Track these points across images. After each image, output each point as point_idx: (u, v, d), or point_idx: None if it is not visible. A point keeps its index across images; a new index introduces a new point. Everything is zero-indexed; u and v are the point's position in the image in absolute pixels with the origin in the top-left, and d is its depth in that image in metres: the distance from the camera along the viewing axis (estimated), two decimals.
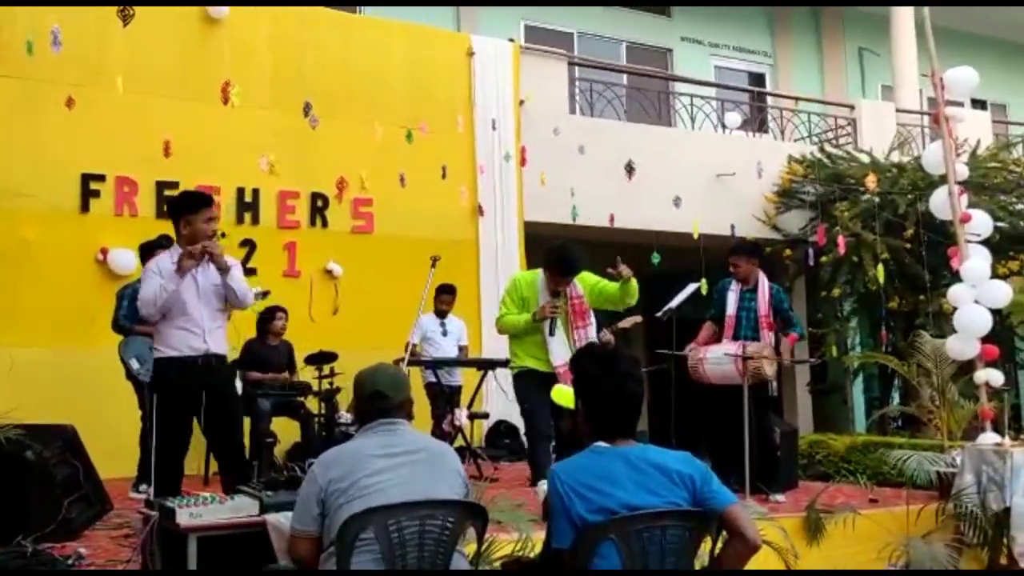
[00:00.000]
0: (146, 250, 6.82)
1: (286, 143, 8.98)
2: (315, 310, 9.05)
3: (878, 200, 11.08)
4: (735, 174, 11.49)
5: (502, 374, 7.91)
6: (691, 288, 7.51)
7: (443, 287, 8.60)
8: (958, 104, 7.59)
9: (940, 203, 6.92)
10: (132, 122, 8.38)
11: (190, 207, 5.11)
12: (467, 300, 9.41)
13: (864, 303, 11.74)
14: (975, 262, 6.61)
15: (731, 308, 6.88)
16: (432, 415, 8.22)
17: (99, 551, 4.69)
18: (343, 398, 7.99)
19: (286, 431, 8.04)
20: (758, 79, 15.41)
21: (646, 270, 10.77)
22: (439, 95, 9.91)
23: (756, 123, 13.39)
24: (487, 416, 9.12)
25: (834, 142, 12.94)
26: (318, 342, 8.27)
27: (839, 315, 11.75)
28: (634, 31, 14.45)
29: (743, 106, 13.30)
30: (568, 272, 5.76)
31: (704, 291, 7.92)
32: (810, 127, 13.23)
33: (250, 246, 8.81)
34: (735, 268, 6.92)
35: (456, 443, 7.89)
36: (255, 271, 8.66)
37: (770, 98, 14.10)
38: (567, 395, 5.23)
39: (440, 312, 8.70)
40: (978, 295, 6.58)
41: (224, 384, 5.13)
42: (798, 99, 13.49)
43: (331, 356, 8.16)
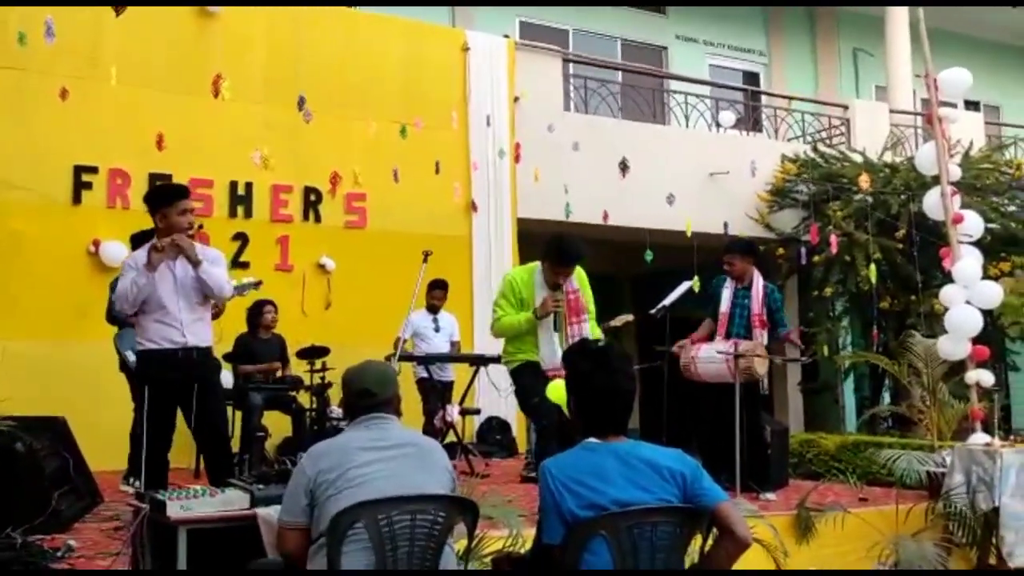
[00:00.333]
0: (137, 240, 6.77)
1: (279, 137, 8.96)
2: (307, 304, 9.04)
3: (871, 200, 11.11)
4: (729, 173, 11.50)
5: (494, 370, 7.92)
6: (684, 286, 7.51)
7: (435, 282, 8.59)
8: (951, 105, 7.60)
9: (933, 204, 6.94)
10: (125, 114, 8.35)
11: (164, 200, 5.04)
12: (460, 296, 9.41)
13: (856, 303, 11.76)
14: (967, 263, 6.63)
15: (725, 305, 6.89)
16: (424, 411, 8.21)
17: (89, 543, 4.68)
18: (335, 393, 7.96)
19: (277, 425, 8.03)
20: (752, 78, 15.43)
21: (639, 268, 10.83)
22: (434, 91, 9.90)
23: (750, 122, 13.40)
24: (479, 412, 9.12)
25: (827, 142, 12.96)
26: (310, 336, 8.25)
27: (831, 314, 11.78)
28: (629, 29, 14.46)
29: (737, 105, 13.31)
30: (570, 261, 5.61)
31: (697, 289, 7.93)
32: (804, 126, 13.26)
33: (243, 240, 8.79)
34: (730, 266, 6.93)
35: (447, 439, 7.89)
36: (247, 265, 8.65)
37: (764, 97, 14.12)
38: (561, 391, 5.21)
39: (432, 308, 8.69)
40: (970, 296, 6.60)
41: (207, 376, 5.06)
42: (792, 98, 13.52)
43: (323, 351, 8.14)
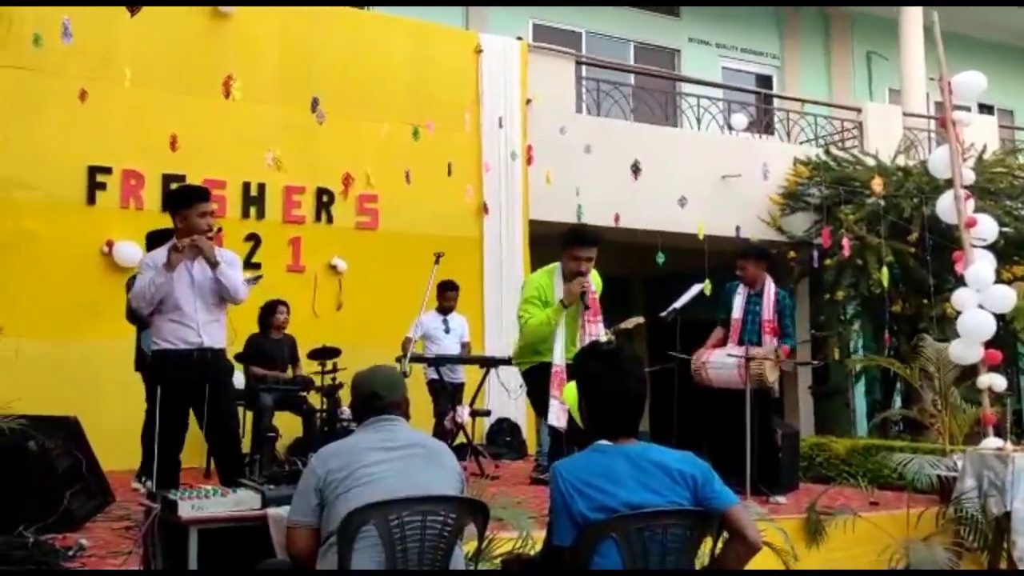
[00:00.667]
0: (153, 240, 6.81)
1: (292, 138, 8.98)
2: (319, 305, 9.06)
3: (883, 203, 11.07)
4: (741, 176, 11.48)
5: (504, 372, 7.91)
6: (695, 289, 7.50)
7: (447, 284, 8.60)
8: (965, 109, 7.57)
9: (946, 207, 6.91)
10: (139, 115, 8.39)
11: (184, 201, 5.09)
12: (471, 298, 9.41)
13: (868, 306, 11.72)
14: (980, 267, 6.60)
15: (737, 311, 6.87)
16: (434, 412, 8.22)
17: (100, 543, 4.70)
18: (345, 394, 7.97)
19: (288, 426, 8.04)
20: (765, 81, 15.39)
21: (651, 270, 10.81)
22: (446, 93, 9.91)
23: (762, 125, 13.38)
24: (489, 414, 9.12)
25: (840, 145, 12.92)
26: (321, 337, 8.26)
27: (842, 318, 11.74)
28: (642, 31, 14.44)
29: (750, 108, 13.29)
30: (589, 242, 5.52)
31: (708, 292, 7.91)
32: (816, 129, 13.22)
33: (255, 240, 8.81)
34: (743, 271, 6.91)
35: (458, 440, 7.90)
36: (259, 265, 8.68)
37: (777, 100, 14.08)
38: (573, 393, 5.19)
39: (444, 309, 8.70)
40: (982, 300, 6.57)
41: (220, 377, 5.12)
42: (805, 101, 13.47)
43: (334, 351, 8.16)
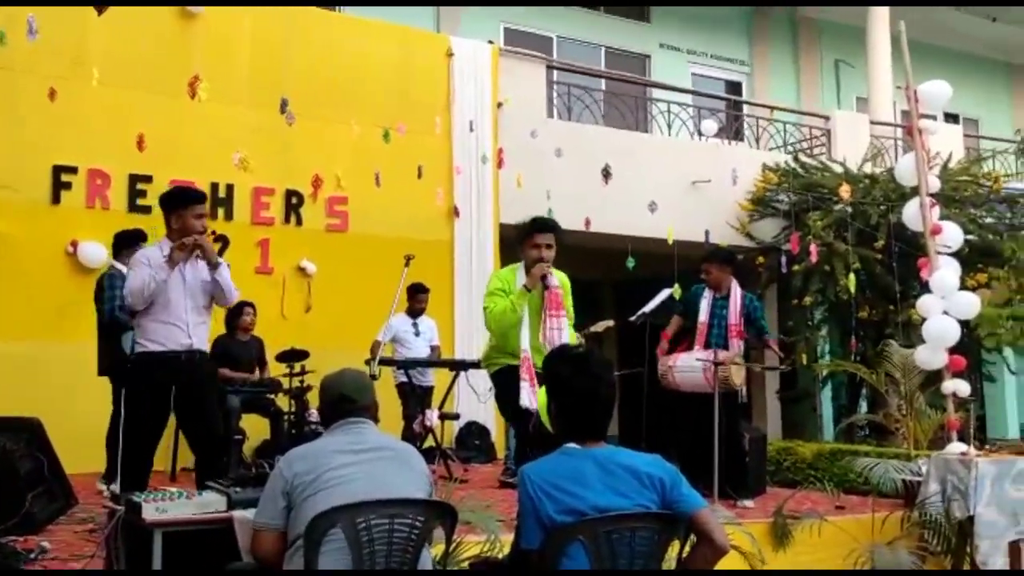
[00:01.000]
0: (121, 241, 6.75)
1: (262, 139, 8.92)
2: (287, 308, 9.01)
3: (851, 210, 11.18)
4: (710, 181, 11.55)
5: (474, 375, 7.91)
6: (665, 293, 7.55)
7: (417, 286, 8.58)
8: (931, 117, 7.67)
9: (912, 214, 6.99)
10: (107, 115, 8.30)
11: (181, 202, 5.17)
12: (441, 301, 9.40)
13: (835, 312, 11.83)
14: (944, 273, 6.68)
15: (703, 315, 6.91)
16: (403, 415, 8.19)
17: (63, 545, 4.64)
18: (313, 396, 7.95)
19: (255, 428, 8.00)
20: (735, 87, 15.51)
21: (621, 274, 10.84)
22: (417, 95, 9.89)
23: (732, 131, 13.47)
24: (458, 417, 9.11)
25: (808, 152, 13.05)
26: (290, 340, 8.23)
27: (810, 323, 11.84)
28: (613, 36, 14.51)
29: (719, 114, 13.38)
30: (546, 227, 5.57)
31: (678, 296, 7.95)
32: (785, 136, 13.34)
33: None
34: (707, 275, 6.97)
35: (427, 443, 7.87)
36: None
37: (746, 107, 14.20)
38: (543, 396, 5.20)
39: (414, 312, 8.68)
40: (947, 306, 6.65)
41: (206, 380, 5.20)
42: (774, 108, 13.60)
43: (302, 354, 8.12)
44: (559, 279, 5.63)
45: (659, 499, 2.89)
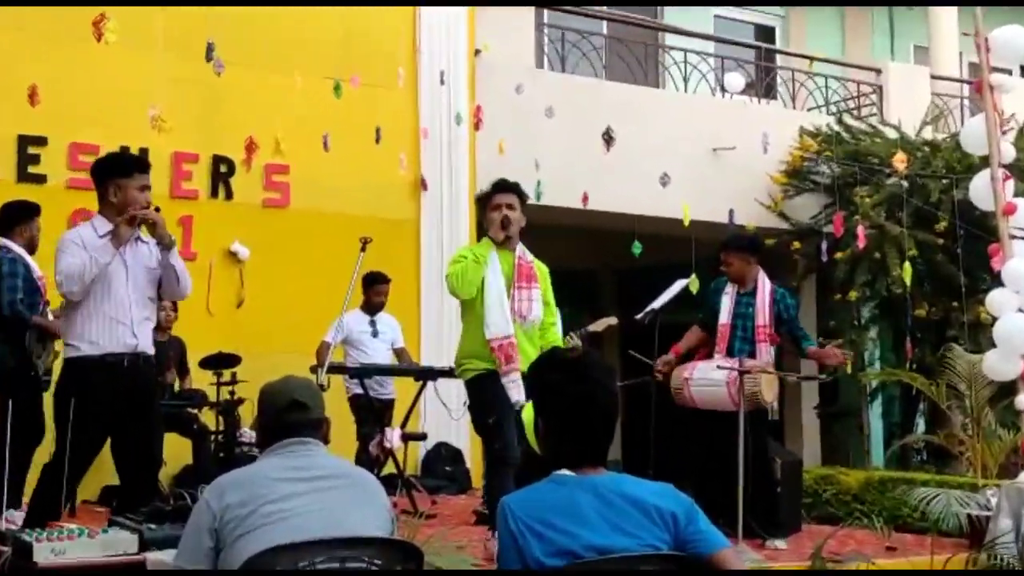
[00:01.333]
0: (8, 215, 6.65)
1: (183, 93, 8.87)
2: (214, 301, 8.97)
3: (907, 185, 11.24)
4: (735, 148, 11.58)
5: (444, 385, 7.91)
6: (679, 285, 7.55)
7: (376, 276, 8.55)
8: (1006, 72, 7.71)
9: (980, 190, 7.02)
10: None
11: (121, 170, 5.20)
12: (404, 294, 9.39)
13: (886, 309, 11.89)
14: (1020, 263, 6.71)
15: (725, 315, 6.92)
16: (357, 435, 8.18)
17: None
18: (246, 411, 7.94)
19: (174, 451, 7.94)
20: (767, 34, 15.54)
21: (625, 262, 10.85)
22: (376, 41, 9.86)
23: (762, 87, 13.51)
24: (425, 437, 9.10)
25: (856, 113, 13.09)
26: (217, 341, 8.21)
27: (856, 323, 11.90)
28: None
29: (747, 66, 13.41)
30: (505, 187, 6.06)
31: (695, 289, 7.98)
32: (827, 94, 13.38)
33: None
34: (727, 266, 6.98)
35: (386, 470, 7.86)
36: None
37: (780, 57, 14.23)
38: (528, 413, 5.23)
39: (371, 307, 8.65)
40: (1023, 302, 6.68)
41: (150, 391, 5.25)
42: (813, 59, 13.62)
43: (233, 359, 8.10)
44: (536, 267, 5.99)
45: (671, 538, 2.89)
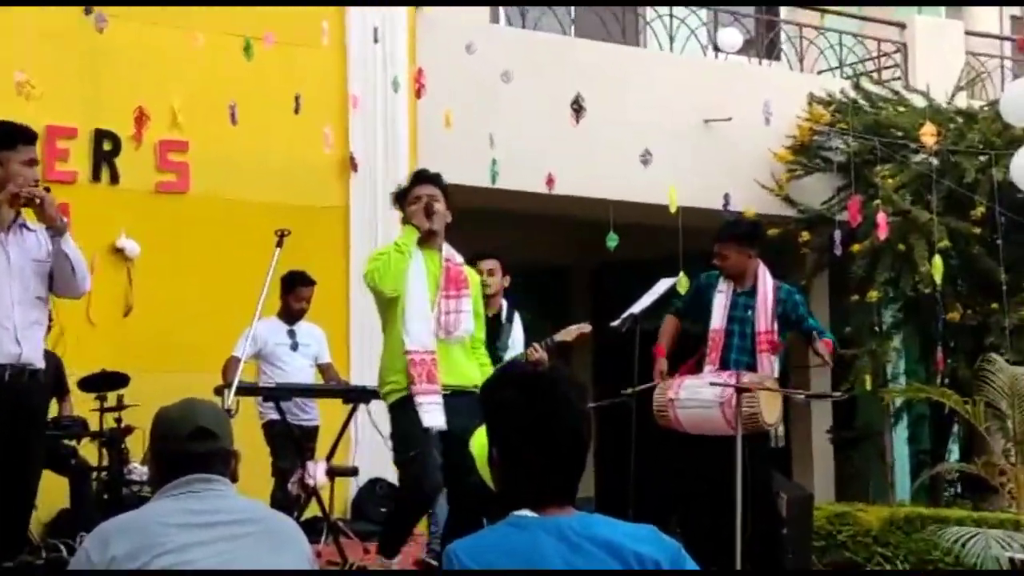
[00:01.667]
0: None
1: (57, 53, 8.84)
2: (96, 309, 8.90)
3: (936, 162, 11.32)
4: (731, 120, 11.63)
5: (379, 408, 7.88)
6: (664, 286, 7.58)
7: (297, 277, 8.53)
8: None
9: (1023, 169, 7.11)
10: None
11: (6, 141, 5.26)
12: (331, 298, 9.36)
13: (913, 312, 11.98)
14: None
15: (718, 319, 6.95)
16: (273, 470, 8.16)
17: None
18: (136, 442, 7.88)
19: (48, 491, 7.87)
20: None
21: (598, 257, 10.86)
22: None
23: (763, 46, 13.57)
24: (356, 472, 9.09)
25: (876, 76, 13.18)
26: (99, 358, 8.18)
27: (877, 329, 11.96)
28: None
29: (745, 20, 13.47)
30: (425, 178, 6.27)
31: (684, 290, 8.02)
32: (842, 54, 13.46)
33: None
34: (721, 260, 7.02)
35: (308, 512, 7.84)
36: None
37: (785, 10, 14.32)
38: (480, 441, 5.25)
39: (291, 315, 8.63)
40: None
41: (35, 414, 5.31)
42: (825, 10, 13.72)
43: (119, 379, 8.05)
44: (470, 273, 6.23)
45: None
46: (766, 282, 7.02)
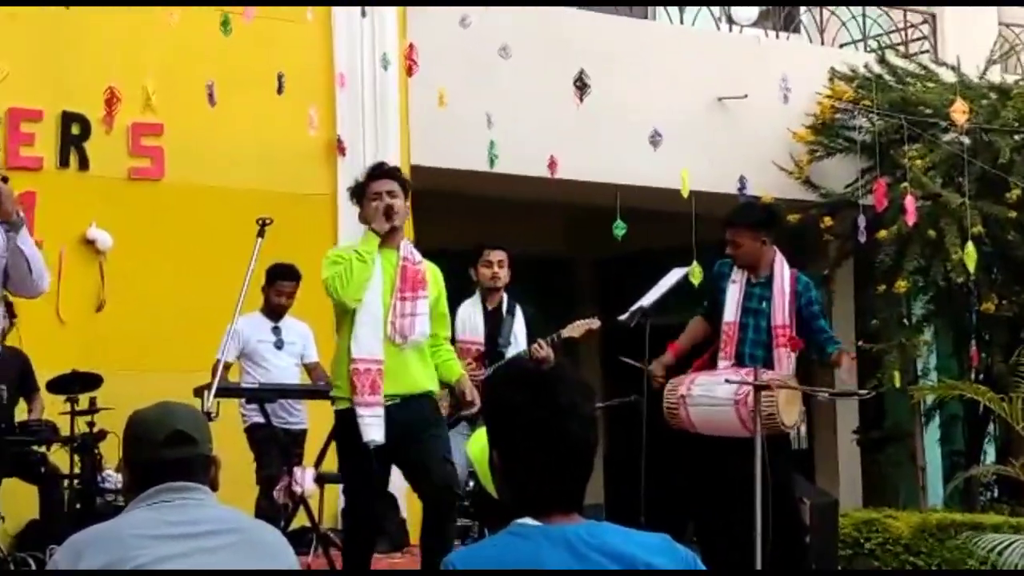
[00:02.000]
0: None
1: (20, 30, 8.85)
2: (66, 305, 8.91)
3: (968, 141, 11.31)
4: (747, 97, 11.63)
5: None
6: (675, 277, 7.58)
7: (280, 270, 8.54)
8: None
9: None
10: None
11: None
12: (317, 292, 9.26)
13: (944, 304, 11.98)
14: None
15: (731, 311, 6.95)
16: (257, 478, 8.17)
17: None
18: (110, 448, 7.89)
19: (16, 501, 7.90)
20: None
21: (605, 247, 10.84)
22: None
23: (781, 17, 13.56)
24: None
25: (902, 49, 13.17)
26: (70, 357, 8.19)
27: (905, 322, 11.98)
28: None
29: None
30: (383, 171, 6.41)
31: (697, 281, 8.01)
32: (865, 27, 13.46)
33: None
34: (734, 248, 7.01)
35: (296, 522, 7.85)
36: None
37: None
38: (480, 444, 5.26)
39: (274, 310, 8.64)
40: None
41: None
42: None
43: (91, 380, 8.05)
44: (427, 271, 6.29)
45: None
46: (783, 272, 7.01)
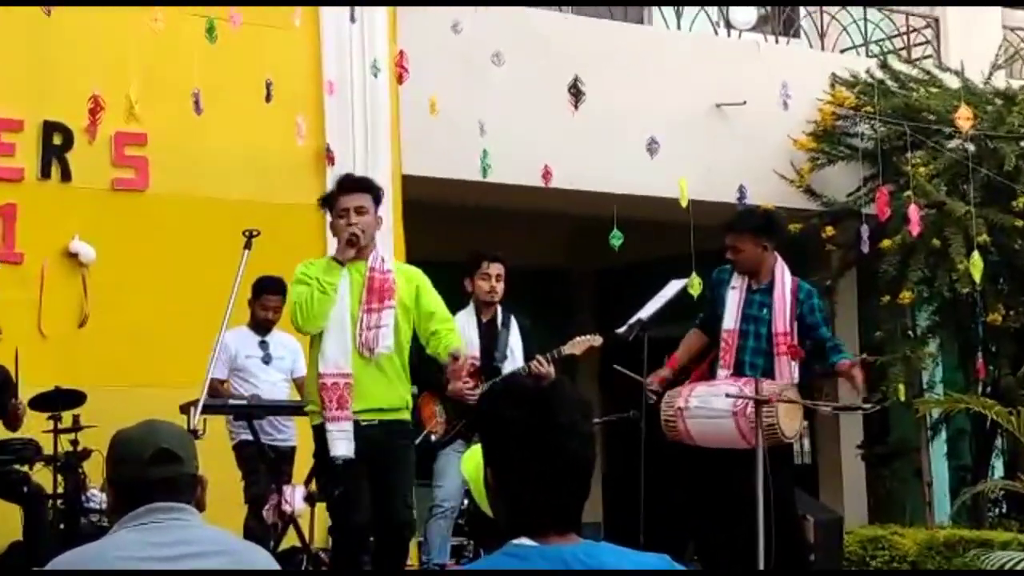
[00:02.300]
0: None
1: (0, 39, 8.84)
2: (48, 319, 8.90)
3: (973, 148, 11.32)
4: (746, 104, 11.64)
5: None
6: (674, 288, 7.58)
7: (266, 283, 8.53)
8: None
9: None
10: None
11: None
12: None
13: (950, 315, 11.97)
14: None
15: (731, 318, 6.95)
16: (246, 497, 8.15)
17: None
18: (94, 467, 7.87)
19: None
20: None
21: (602, 258, 10.83)
22: None
23: (780, 22, 13.58)
24: None
25: (905, 54, 13.18)
26: (53, 373, 8.17)
27: (910, 334, 11.98)
28: None
29: None
30: (352, 184, 6.54)
31: (696, 292, 8.01)
32: (867, 31, 13.47)
33: None
34: (734, 253, 7.02)
35: (286, 542, 7.83)
36: None
37: None
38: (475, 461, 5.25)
39: (262, 324, 8.63)
40: None
41: None
42: None
43: (74, 397, 8.03)
44: (400, 276, 6.40)
45: None
46: (784, 278, 7.02)
